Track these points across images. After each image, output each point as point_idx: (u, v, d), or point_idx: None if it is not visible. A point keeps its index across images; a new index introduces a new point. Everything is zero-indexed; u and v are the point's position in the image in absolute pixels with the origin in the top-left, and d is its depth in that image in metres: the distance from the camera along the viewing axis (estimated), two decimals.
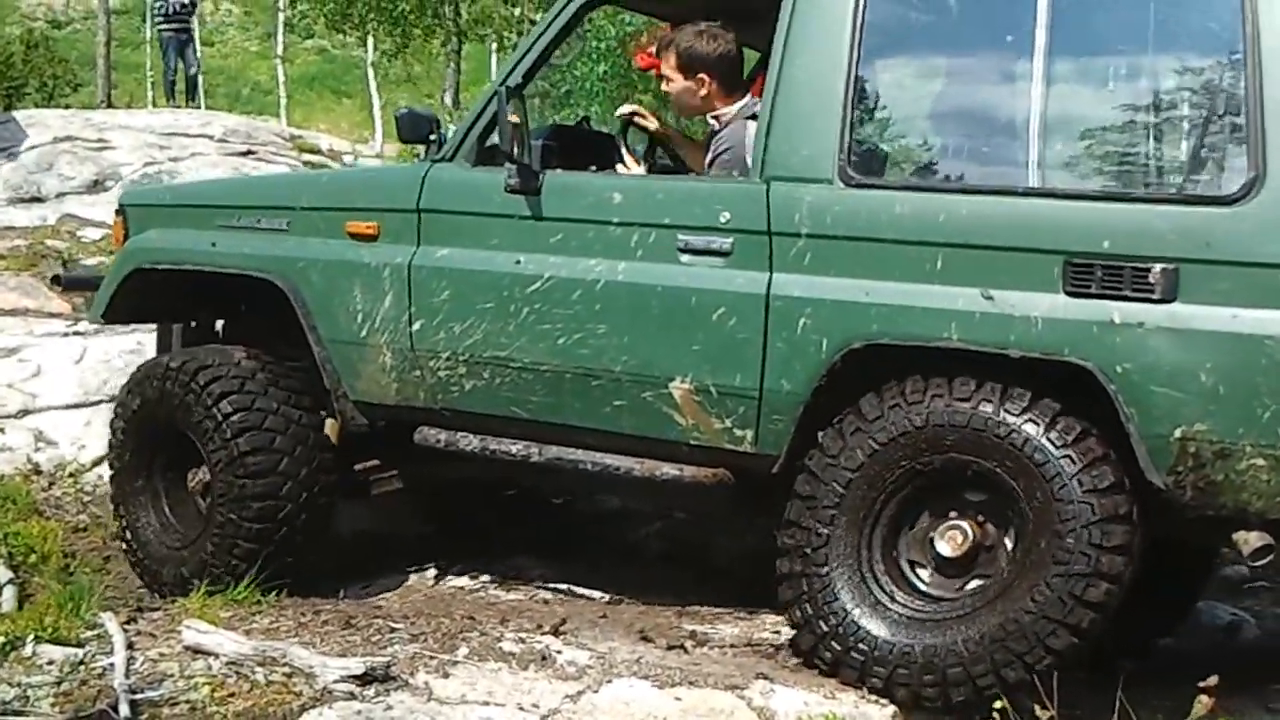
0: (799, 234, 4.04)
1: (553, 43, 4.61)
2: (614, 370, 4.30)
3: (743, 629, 4.62)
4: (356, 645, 4.14)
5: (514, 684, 3.89)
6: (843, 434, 3.95)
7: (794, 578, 4.01)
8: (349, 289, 4.75)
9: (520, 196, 4.45)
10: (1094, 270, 3.66)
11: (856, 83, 4.03)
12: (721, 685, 3.92)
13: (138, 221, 5.41)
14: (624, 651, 4.21)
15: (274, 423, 4.77)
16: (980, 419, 3.76)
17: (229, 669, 3.85)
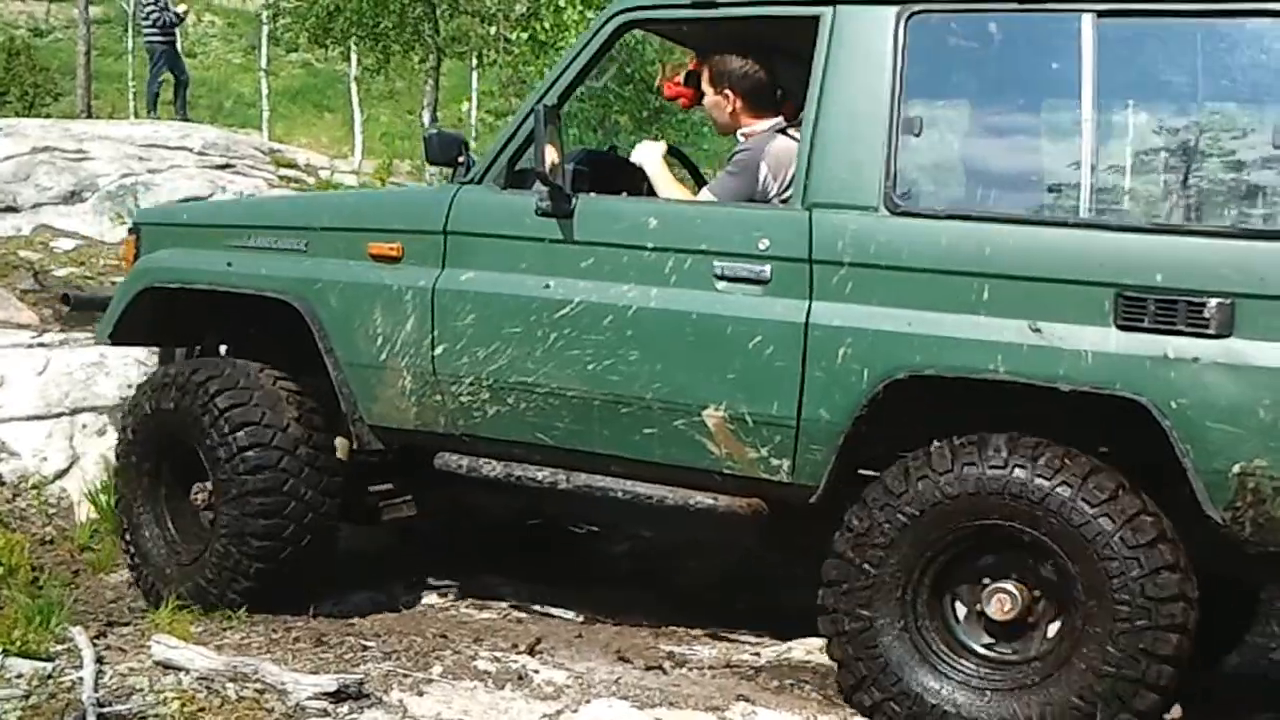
0: (841, 262, 3.93)
1: (588, 64, 4.48)
2: (645, 397, 4.18)
3: (720, 650, 4.57)
4: (329, 662, 4.07)
5: (490, 703, 3.83)
6: (883, 497, 3.84)
7: (836, 614, 3.89)
8: (369, 311, 4.61)
9: (551, 220, 4.33)
10: (1147, 304, 3.58)
11: (901, 109, 3.93)
12: (702, 707, 3.87)
13: (150, 240, 5.27)
14: (602, 671, 4.16)
15: (282, 440, 4.65)
16: (1014, 485, 3.66)
17: (199, 684, 3.78)
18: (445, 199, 4.57)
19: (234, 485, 4.62)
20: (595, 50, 4.44)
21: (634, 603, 5.12)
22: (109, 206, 11.59)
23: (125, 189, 11.91)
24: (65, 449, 6.33)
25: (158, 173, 12.52)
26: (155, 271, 5.09)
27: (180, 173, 12.62)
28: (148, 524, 4.97)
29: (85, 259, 10.03)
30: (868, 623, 3.82)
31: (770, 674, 4.27)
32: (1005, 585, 3.77)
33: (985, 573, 3.83)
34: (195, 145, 13.28)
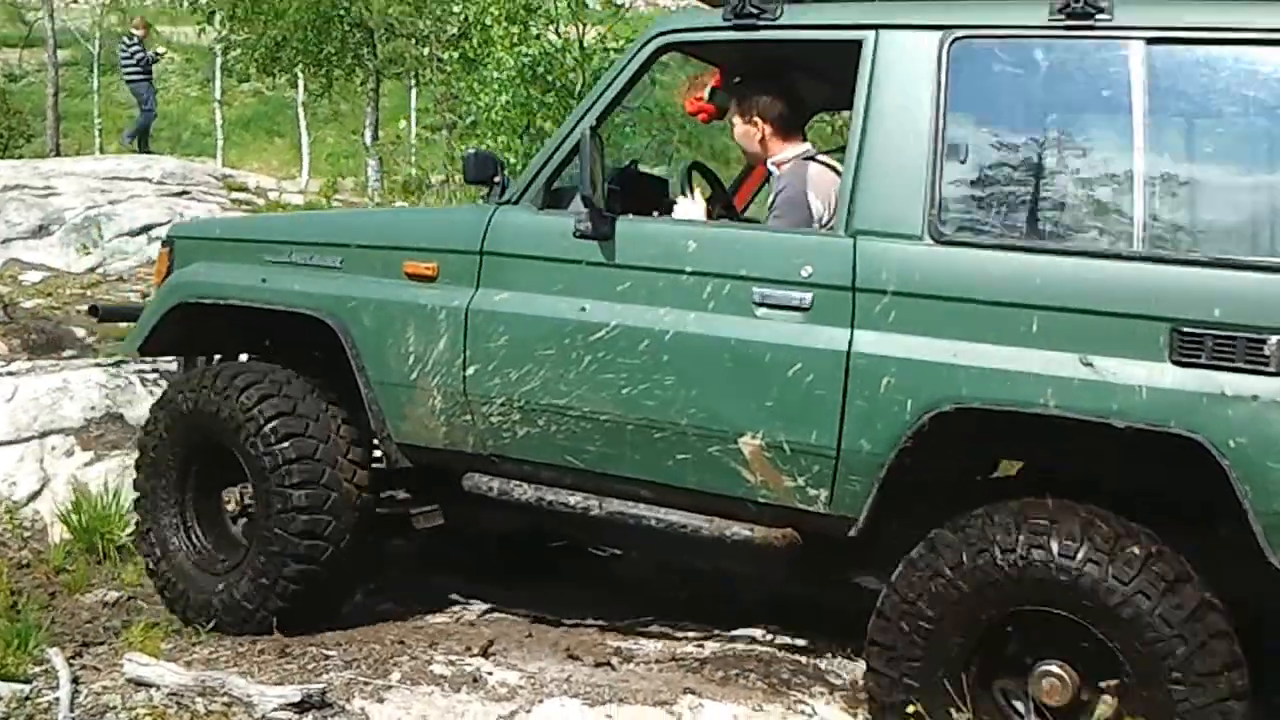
0: (885, 291, 3.67)
1: (627, 86, 4.21)
2: (680, 423, 3.92)
3: (666, 644, 4.49)
4: (293, 673, 3.97)
5: (447, 706, 3.74)
6: (910, 576, 3.58)
7: (881, 678, 3.61)
8: (402, 330, 4.37)
9: (589, 242, 4.08)
10: (1204, 340, 3.30)
11: (944, 139, 3.68)
12: (650, 701, 3.80)
13: (184, 255, 4.98)
14: (553, 670, 4.07)
15: (325, 454, 4.42)
16: (1041, 568, 3.39)
17: (170, 700, 3.69)
18: (482, 219, 4.33)
19: (278, 499, 4.37)
20: (634, 72, 4.19)
21: (579, 599, 5.02)
22: (74, 238, 11.40)
23: (89, 220, 11.71)
24: (36, 471, 6.14)
25: (119, 203, 12.32)
26: (189, 286, 4.83)
27: (140, 202, 12.42)
28: (174, 530, 4.73)
29: (52, 290, 9.81)
30: (909, 694, 3.53)
31: (715, 665, 4.20)
32: (1051, 668, 3.46)
33: (1030, 655, 3.50)
34: (154, 175, 13.09)
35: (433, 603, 4.95)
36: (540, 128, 12.46)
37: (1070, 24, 3.60)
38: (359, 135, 18.77)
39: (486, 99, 12.60)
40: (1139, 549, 3.35)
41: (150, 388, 6.68)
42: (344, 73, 18.77)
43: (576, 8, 12.94)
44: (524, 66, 12.35)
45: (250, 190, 14.14)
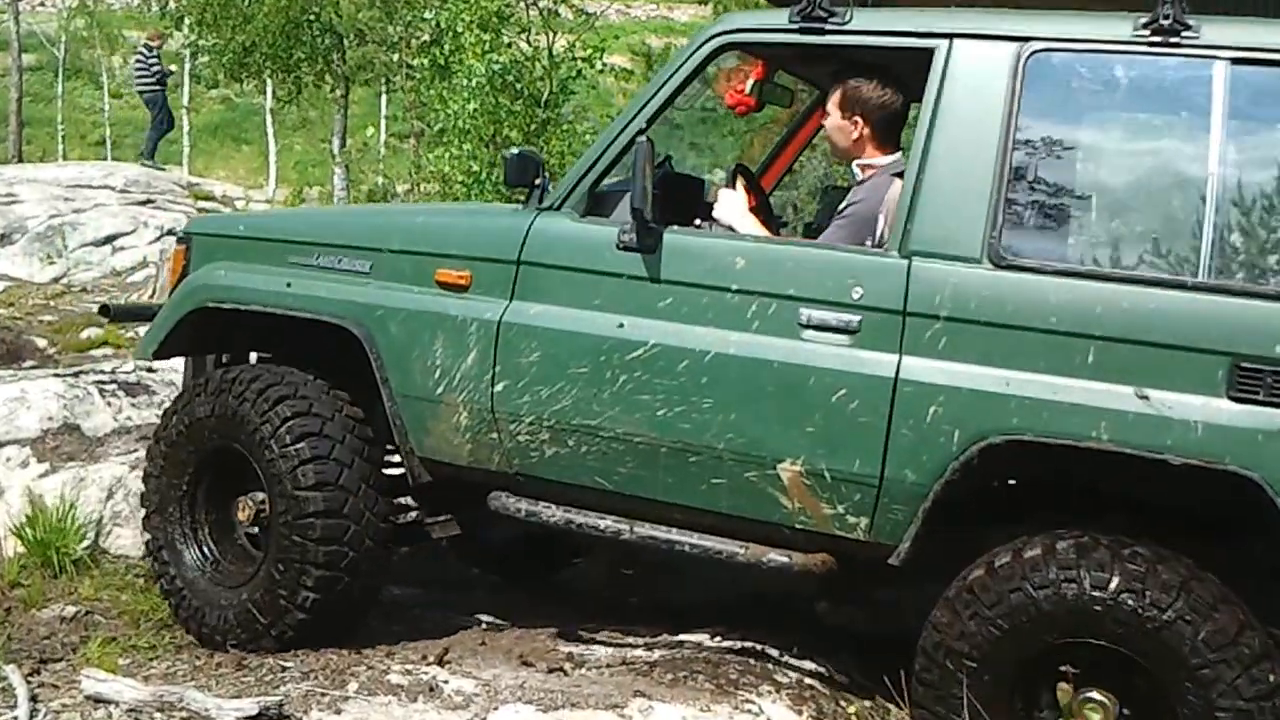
0: (937, 316, 3.55)
1: (681, 85, 4.05)
2: (717, 447, 3.79)
3: (616, 649, 4.52)
4: (250, 686, 3.98)
5: (404, 716, 3.76)
6: (948, 614, 3.55)
7: (929, 716, 3.59)
8: (429, 342, 4.20)
9: (633, 254, 3.94)
10: (1264, 376, 3.23)
11: (1011, 157, 3.55)
12: (603, 706, 3.82)
13: (203, 253, 4.76)
14: (507, 678, 4.09)
15: (342, 454, 4.30)
16: (1075, 601, 3.36)
17: (129, 716, 3.71)
18: (522, 225, 4.15)
19: (294, 504, 4.25)
20: (690, 71, 4.02)
21: (532, 606, 5.04)
22: (38, 247, 11.38)
23: (53, 229, 11.71)
24: None
25: (83, 212, 12.31)
26: (209, 289, 4.61)
27: (104, 211, 12.43)
28: (186, 542, 4.60)
29: (14, 300, 9.80)
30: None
31: (664, 668, 4.22)
32: (1094, 694, 3.44)
33: (1074, 683, 3.46)
34: (118, 184, 13.09)
35: (388, 612, 4.95)
36: (507, 136, 12.51)
37: (1155, 40, 3.50)
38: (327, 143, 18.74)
39: (456, 106, 12.64)
40: (1174, 575, 3.31)
41: (109, 399, 6.64)
42: (313, 79, 18.75)
43: (549, 17, 12.99)
44: (494, 74, 12.40)
45: (217, 199, 14.17)
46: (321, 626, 4.36)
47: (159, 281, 9.98)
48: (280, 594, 4.31)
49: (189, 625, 4.60)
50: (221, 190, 14.94)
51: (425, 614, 4.99)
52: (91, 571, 5.32)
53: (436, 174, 13.00)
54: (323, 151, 19.63)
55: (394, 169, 18.31)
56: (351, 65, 18.47)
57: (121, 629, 4.76)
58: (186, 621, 4.62)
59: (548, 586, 5.59)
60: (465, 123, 12.57)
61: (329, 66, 18.29)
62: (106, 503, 5.67)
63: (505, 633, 4.71)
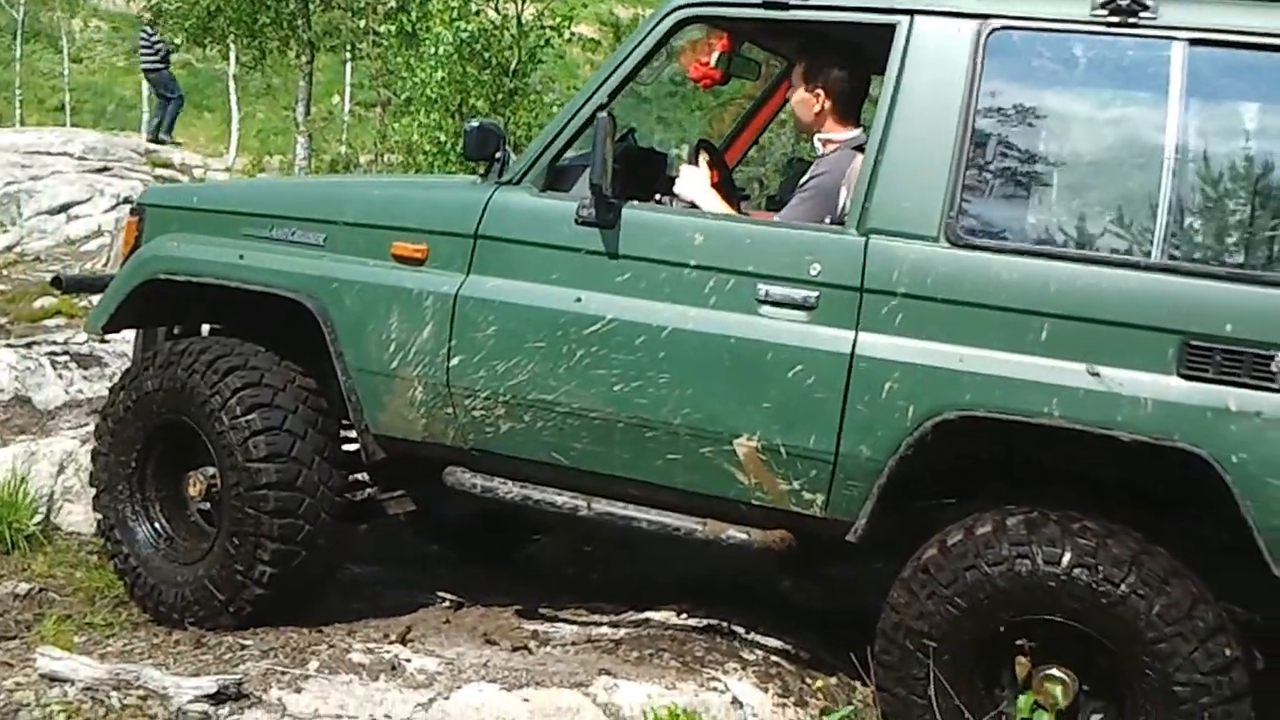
0: (894, 292, 3.58)
1: (643, 60, 4.02)
2: (673, 423, 3.80)
3: (581, 627, 4.51)
4: (209, 664, 3.93)
5: (366, 695, 3.73)
6: (904, 595, 3.58)
7: (892, 698, 3.61)
8: (384, 316, 4.17)
9: (591, 229, 3.93)
10: (1213, 354, 3.28)
11: (970, 136, 3.57)
12: (567, 684, 3.81)
13: (157, 224, 4.70)
14: (471, 656, 4.07)
15: (294, 425, 4.25)
16: (1029, 578, 3.39)
17: (85, 695, 3.62)
18: (480, 199, 4.13)
19: (246, 478, 4.20)
20: (652, 45, 3.99)
21: (494, 584, 5.01)
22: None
23: (8, 197, 11.54)
24: None
25: (39, 179, 12.13)
26: (161, 261, 4.55)
27: (61, 178, 12.26)
28: (137, 520, 4.55)
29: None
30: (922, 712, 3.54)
31: (630, 646, 4.22)
32: (1054, 671, 3.46)
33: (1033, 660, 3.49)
34: (76, 150, 12.92)
35: (349, 590, 4.91)
36: (473, 106, 12.42)
37: (1113, 20, 3.51)
38: (290, 111, 18.52)
39: (423, 75, 12.53)
40: (1124, 549, 3.36)
41: (60, 370, 6.54)
42: (278, 44, 18.52)
43: None
44: (461, 43, 12.30)
45: (175, 167, 13.99)
46: (280, 602, 4.31)
47: (113, 251, 9.84)
48: (236, 569, 4.27)
49: (145, 604, 4.55)
50: (180, 158, 14.74)
51: (386, 592, 4.95)
52: (44, 548, 5.25)
53: (402, 144, 12.90)
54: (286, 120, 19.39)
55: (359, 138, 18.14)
56: (317, 31, 18.26)
57: (76, 606, 4.70)
58: (143, 600, 4.56)
59: (508, 564, 5.56)
60: (432, 91, 12.47)
61: (294, 32, 18.06)
62: (58, 478, 5.58)
63: (468, 611, 4.69)
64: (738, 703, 3.85)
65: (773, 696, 3.95)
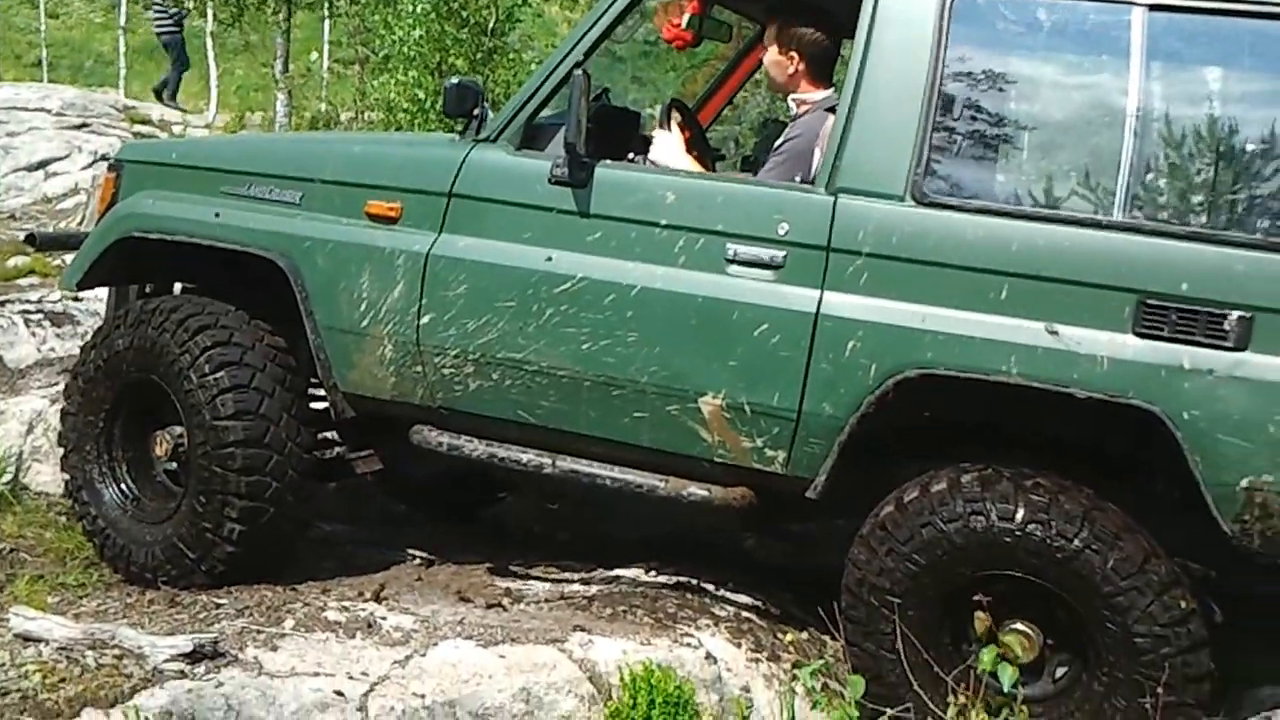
0: (859, 252, 3.63)
1: (616, 20, 4.03)
2: (640, 381, 3.86)
3: (553, 584, 4.54)
4: (184, 623, 3.95)
5: (342, 653, 3.74)
6: (865, 552, 3.64)
7: (860, 652, 3.69)
8: (356, 274, 4.19)
9: (564, 188, 3.96)
10: (1168, 313, 3.36)
11: (936, 98, 3.62)
12: (542, 640, 3.84)
13: (133, 180, 4.70)
14: (446, 613, 4.09)
15: (262, 382, 4.26)
16: (985, 534, 3.46)
17: (59, 654, 3.63)
18: (457, 157, 4.15)
19: (214, 435, 4.21)
20: (625, 4, 3.99)
21: (465, 542, 5.02)
22: None
23: None
24: None
25: (16, 135, 12.01)
26: (136, 219, 4.54)
27: (39, 135, 12.14)
28: (105, 481, 4.56)
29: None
30: (890, 667, 3.61)
31: (603, 602, 4.25)
32: (1018, 625, 3.55)
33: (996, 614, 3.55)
34: (53, 106, 12.79)
35: (320, 549, 4.91)
36: (452, 64, 12.31)
37: None
38: (269, 68, 18.32)
39: (400, 32, 12.41)
40: (1076, 505, 3.43)
41: (34, 329, 6.49)
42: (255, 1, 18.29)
43: None
44: (439, 1, 12.17)
45: (154, 123, 13.86)
46: (250, 559, 4.34)
47: (89, 209, 9.75)
48: (205, 527, 4.28)
49: (117, 565, 4.56)
50: (160, 114, 14.60)
51: (359, 551, 4.95)
52: (13, 508, 5.23)
53: (381, 101, 12.79)
54: (265, 76, 19.17)
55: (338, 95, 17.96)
56: None
57: (48, 567, 4.70)
58: (114, 561, 4.57)
59: (475, 522, 5.57)
60: (410, 49, 12.36)
61: None
62: (26, 437, 5.57)
63: (441, 569, 4.71)
64: (712, 658, 3.89)
65: (746, 651, 3.99)
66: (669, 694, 3.59)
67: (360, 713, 3.46)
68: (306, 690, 3.49)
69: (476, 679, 3.61)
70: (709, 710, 3.72)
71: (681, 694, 3.62)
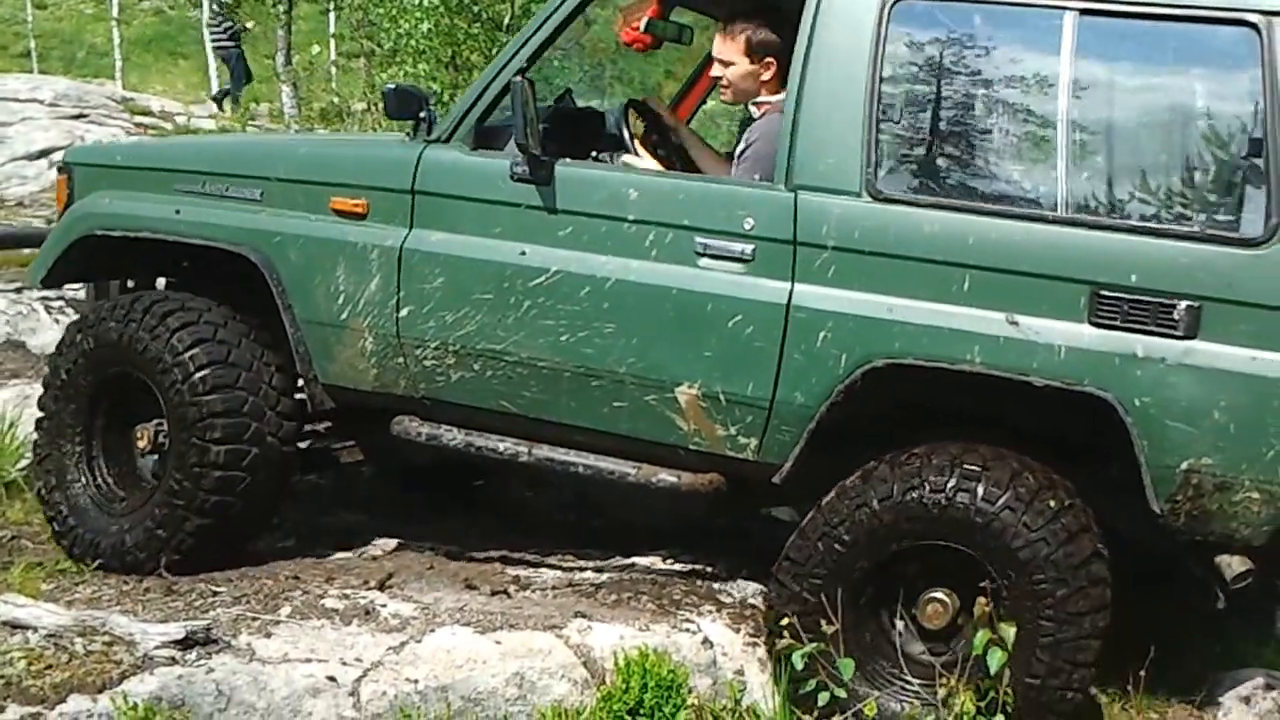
0: (825, 245, 3.71)
1: (560, 26, 4.10)
2: (617, 371, 3.93)
3: (563, 572, 4.50)
4: (179, 610, 3.90)
5: (337, 639, 3.70)
6: (839, 502, 3.68)
7: (783, 590, 3.74)
8: (331, 268, 4.23)
9: (528, 185, 4.02)
10: (1120, 303, 3.46)
11: (880, 97, 3.71)
12: (541, 626, 3.82)
13: (85, 182, 4.74)
14: (449, 601, 4.05)
15: (238, 358, 4.28)
16: (961, 509, 3.53)
17: (47, 641, 3.58)
18: (410, 157, 4.20)
19: (191, 409, 4.22)
20: (570, 10, 4.06)
21: (487, 532, 4.98)
22: None
23: None
24: None
25: (10, 125, 12.00)
26: (96, 218, 4.58)
27: (34, 124, 12.12)
28: (79, 477, 4.54)
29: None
30: (803, 607, 3.67)
31: (609, 590, 4.22)
32: (937, 594, 3.67)
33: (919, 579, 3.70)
34: (46, 97, 12.75)
35: (338, 539, 4.88)
36: (467, 59, 12.27)
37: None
38: (270, 59, 18.30)
39: (406, 26, 12.37)
40: (1054, 501, 3.54)
41: (55, 315, 6.55)
42: None
43: None
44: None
45: (154, 114, 13.84)
46: (219, 537, 4.34)
47: None
48: (178, 504, 4.28)
49: (60, 539, 4.57)
50: (160, 105, 14.54)
51: (373, 540, 4.89)
52: (23, 494, 5.20)
53: None
54: (265, 67, 19.14)
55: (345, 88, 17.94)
56: None
57: (49, 553, 4.66)
58: (59, 536, 4.58)
59: (503, 511, 5.50)
60: (419, 43, 12.32)
61: None
62: None
63: (454, 559, 4.66)
64: (708, 642, 3.90)
65: (743, 636, 3.99)
66: (661, 677, 3.59)
67: (352, 698, 3.45)
68: (298, 676, 3.47)
69: (470, 664, 3.60)
70: (702, 694, 3.71)
71: (674, 678, 3.62)
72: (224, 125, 14.71)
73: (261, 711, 3.37)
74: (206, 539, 4.30)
